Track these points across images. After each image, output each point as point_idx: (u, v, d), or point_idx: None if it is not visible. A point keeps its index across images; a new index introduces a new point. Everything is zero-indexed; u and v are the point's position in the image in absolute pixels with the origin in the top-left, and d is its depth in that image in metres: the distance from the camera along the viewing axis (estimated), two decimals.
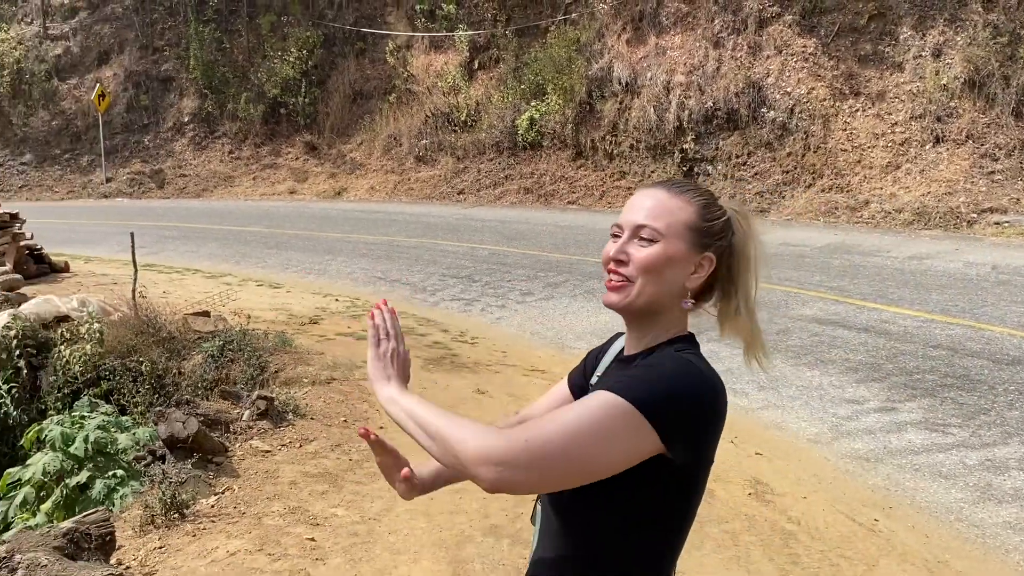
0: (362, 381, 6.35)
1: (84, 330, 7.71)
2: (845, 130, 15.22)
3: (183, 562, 3.19)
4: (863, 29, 15.75)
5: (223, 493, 3.85)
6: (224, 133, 24.81)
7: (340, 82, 23.76)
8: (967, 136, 13.80)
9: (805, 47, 16.15)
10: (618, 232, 1.48)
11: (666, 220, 1.44)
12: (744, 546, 3.65)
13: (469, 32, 21.59)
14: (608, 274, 1.46)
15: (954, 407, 5.69)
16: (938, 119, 14.15)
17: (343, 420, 5.21)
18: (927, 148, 14.14)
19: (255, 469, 4.13)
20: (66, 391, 7.52)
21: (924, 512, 4.29)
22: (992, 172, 13.31)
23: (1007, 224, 12.23)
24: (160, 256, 13.23)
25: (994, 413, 5.55)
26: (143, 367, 7.18)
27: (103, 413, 6.30)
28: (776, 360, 7.03)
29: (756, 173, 15.94)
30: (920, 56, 14.83)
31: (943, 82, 14.23)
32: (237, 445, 4.46)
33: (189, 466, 3.91)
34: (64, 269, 11.55)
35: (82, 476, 5.30)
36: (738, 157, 16.24)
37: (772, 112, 15.91)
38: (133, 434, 5.76)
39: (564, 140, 18.97)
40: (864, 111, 15.20)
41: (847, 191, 14.57)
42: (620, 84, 18.13)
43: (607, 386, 1.30)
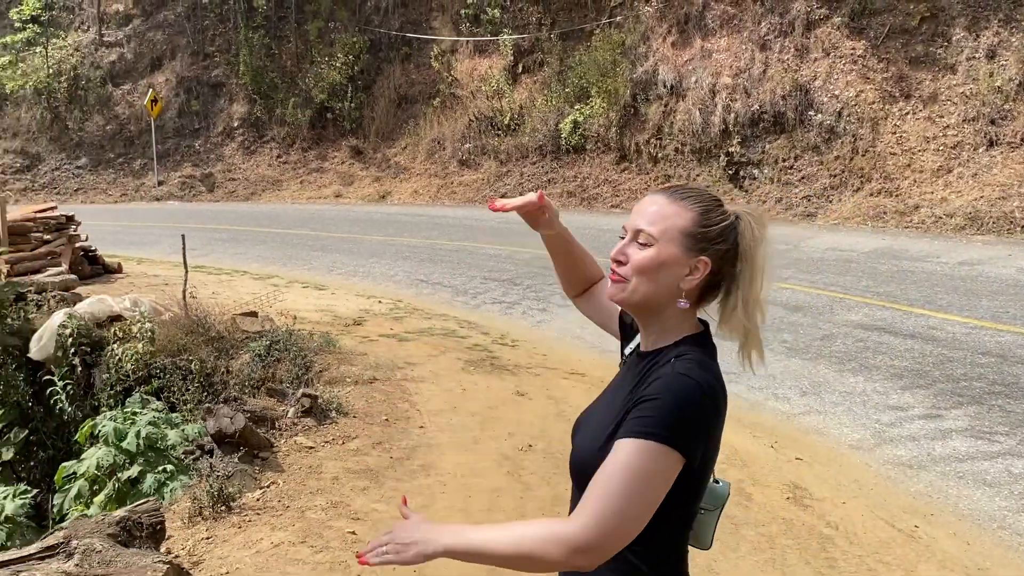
0: (403, 381, 6.45)
1: (136, 329, 7.90)
2: (895, 133, 14.97)
3: (229, 552, 3.30)
4: (914, 30, 15.49)
5: (268, 487, 3.96)
6: (272, 138, 25.25)
7: (385, 87, 24.03)
8: (1022, 139, 13.49)
9: (854, 49, 15.94)
10: (623, 234, 1.61)
11: (662, 225, 1.54)
12: (780, 549, 3.64)
13: (513, 36, 21.69)
14: (612, 269, 1.60)
15: (1001, 415, 5.59)
16: (992, 122, 13.86)
17: (384, 419, 5.30)
18: (980, 151, 13.85)
19: (299, 464, 4.24)
20: (118, 388, 7.73)
21: (966, 520, 4.23)
22: None
23: None
24: (210, 258, 13.50)
25: None
26: (192, 365, 7.35)
27: (154, 410, 6.49)
28: (819, 366, 6.97)
29: (803, 177, 15.75)
30: (973, 57, 14.54)
31: (997, 84, 13.93)
32: (282, 441, 4.57)
33: (236, 460, 4.02)
34: (117, 270, 11.84)
35: (133, 470, 5.47)
36: (784, 161, 16.07)
37: (820, 115, 15.72)
38: (182, 430, 5.92)
39: (608, 143, 18.96)
40: (915, 114, 14.94)
41: (896, 195, 14.33)
42: (665, 87, 18.07)
43: (632, 433, 1.41)
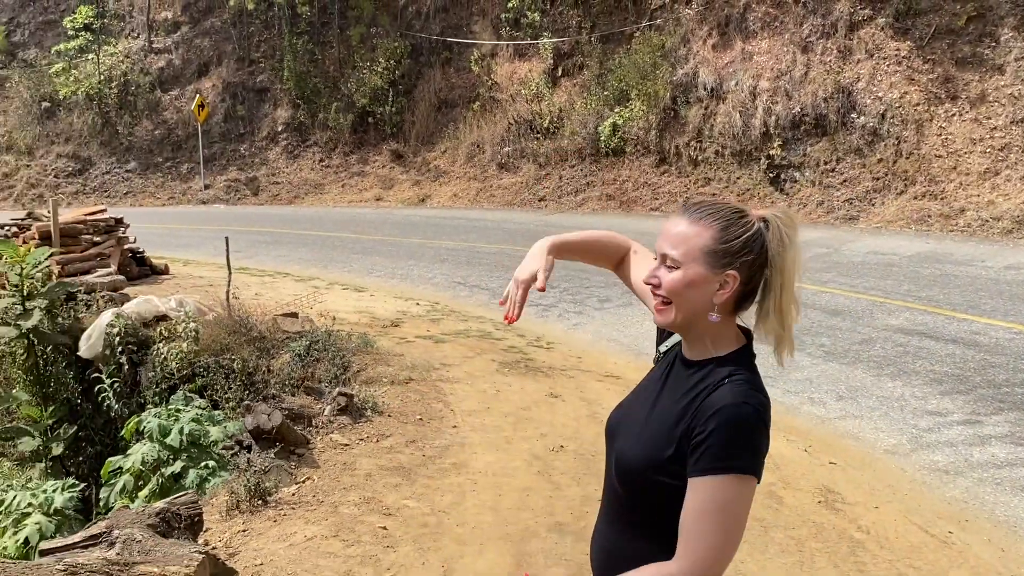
0: (438, 382, 6.53)
1: (181, 329, 8.09)
2: (940, 135, 14.71)
3: (264, 545, 3.39)
4: (961, 31, 15.21)
5: (303, 482, 4.06)
6: (315, 142, 25.61)
7: (426, 91, 24.23)
8: None
9: (898, 50, 15.70)
10: (655, 257, 1.66)
11: (684, 248, 1.58)
12: (809, 552, 3.64)
13: (553, 39, 21.74)
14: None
15: None
16: None
17: (418, 418, 5.38)
18: None
19: (334, 461, 4.33)
20: (163, 386, 7.93)
21: (1002, 526, 4.17)
22: None
23: None
24: (253, 260, 13.74)
25: None
26: (235, 364, 7.51)
27: (197, 407, 6.65)
28: (857, 370, 6.90)
29: (845, 180, 15.56)
30: (1022, 58, 14.23)
31: None
32: (318, 438, 4.67)
33: (272, 456, 4.13)
34: (164, 271, 12.12)
35: (177, 466, 5.62)
36: (826, 163, 15.89)
37: (862, 117, 15.51)
38: (224, 427, 6.06)
39: (647, 146, 18.91)
40: (961, 115, 14.67)
41: (941, 198, 14.08)
42: (705, 89, 17.97)
43: (710, 470, 1.48)
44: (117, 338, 8.39)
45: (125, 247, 11.65)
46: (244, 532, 3.53)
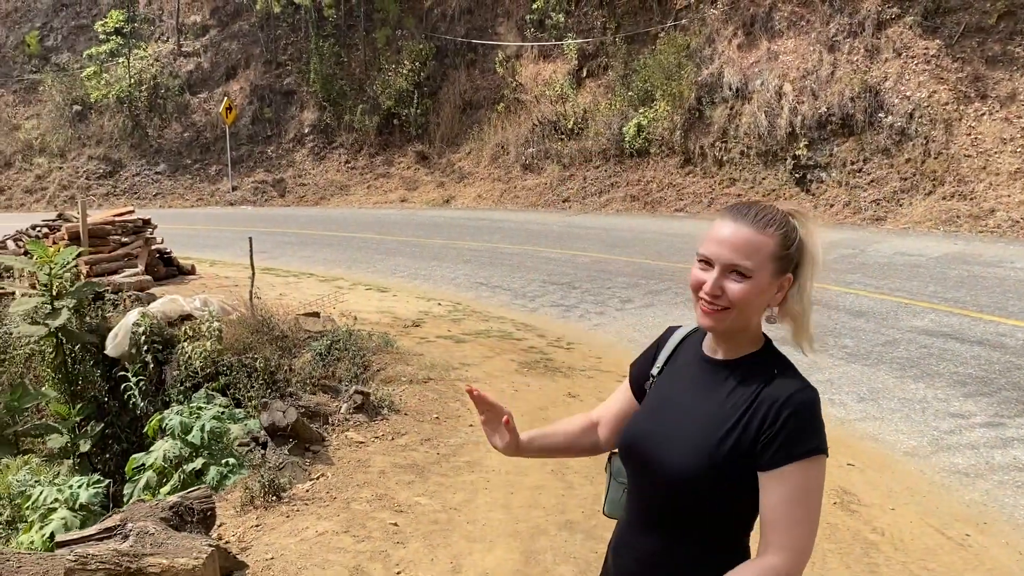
0: (457, 381, 6.55)
1: (205, 328, 8.19)
2: (970, 135, 14.51)
3: (276, 539, 3.44)
4: (991, 29, 14.99)
5: (317, 479, 4.10)
6: (341, 144, 25.81)
7: (451, 93, 24.33)
8: None
9: (927, 49, 15.51)
10: (708, 263, 1.61)
11: (755, 258, 1.58)
12: (821, 553, 3.61)
13: (578, 40, 21.73)
14: (703, 302, 1.61)
15: None
16: None
17: (435, 417, 5.41)
18: None
19: (348, 458, 4.37)
20: (188, 385, 8.03)
21: (1022, 529, 4.11)
22: None
23: None
24: (279, 260, 13.87)
25: None
26: (257, 363, 7.59)
27: (218, 405, 6.74)
28: (879, 372, 6.82)
29: (872, 180, 15.39)
30: None
31: None
32: (334, 436, 4.72)
33: (286, 452, 4.17)
34: (191, 271, 12.28)
35: (198, 463, 5.70)
36: (853, 164, 15.73)
37: (890, 117, 15.33)
38: (245, 425, 6.14)
39: (672, 147, 18.83)
40: (991, 115, 14.45)
41: (970, 199, 13.88)
42: (730, 90, 17.87)
43: (793, 456, 1.51)
44: (143, 337, 8.51)
45: (153, 248, 11.82)
46: (257, 527, 3.58)
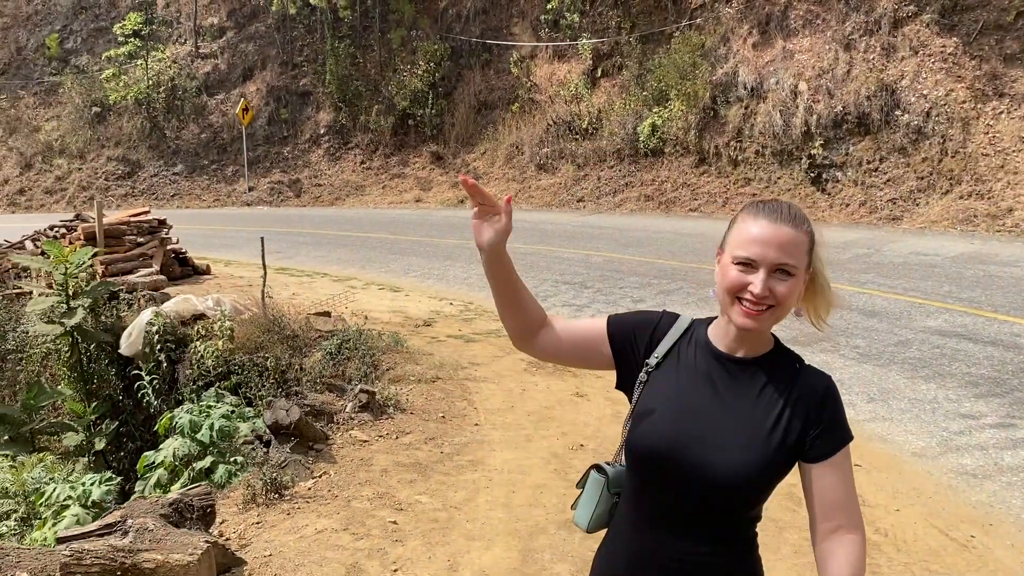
0: (465, 381, 6.56)
1: (217, 327, 8.25)
2: (987, 133, 14.36)
3: (275, 536, 3.46)
4: (1009, 26, 14.83)
5: (320, 477, 4.12)
6: (357, 144, 25.91)
7: (466, 93, 24.37)
8: None
9: (944, 47, 15.36)
10: (751, 264, 1.59)
11: (797, 256, 1.62)
12: None
13: (592, 40, 21.70)
14: (746, 303, 1.60)
15: None
16: None
17: (441, 416, 5.42)
18: None
19: (351, 457, 4.39)
20: (200, 383, 8.09)
21: None
22: None
23: None
24: (293, 260, 13.94)
25: None
26: (268, 362, 7.64)
27: (228, 404, 6.79)
28: (891, 372, 6.77)
29: (888, 179, 15.27)
30: None
31: None
32: (338, 434, 4.74)
33: (288, 450, 4.20)
34: (206, 271, 12.37)
35: (207, 461, 5.75)
36: (869, 163, 15.61)
37: (906, 116, 15.20)
38: (253, 424, 6.19)
39: (687, 146, 18.77)
40: (1009, 113, 14.30)
41: (988, 198, 13.74)
42: (745, 89, 17.79)
43: (842, 441, 1.63)
44: (156, 336, 8.58)
45: (168, 248, 11.92)
46: (258, 524, 3.61)
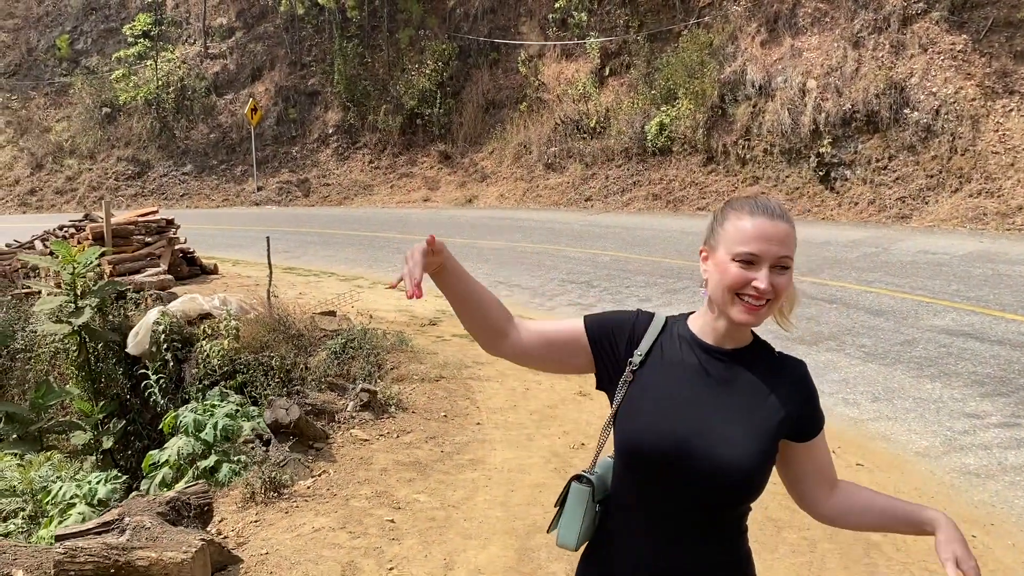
0: (469, 380, 6.57)
1: (223, 327, 8.28)
2: (997, 131, 14.26)
3: (272, 535, 3.47)
4: (1020, 23, 14.72)
5: (319, 476, 4.14)
6: (365, 144, 25.96)
7: (474, 92, 24.38)
8: None
9: (954, 44, 15.26)
10: (753, 260, 1.59)
11: (793, 249, 1.66)
12: (820, 553, 3.57)
13: (600, 39, 21.67)
14: (749, 299, 1.59)
15: None
16: None
17: (443, 415, 5.43)
18: None
19: (351, 455, 4.40)
20: (206, 383, 8.12)
21: None
22: None
23: None
24: (301, 260, 13.99)
25: None
26: (273, 362, 7.66)
27: (232, 403, 6.81)
28: (896, 371, 6.74)
29: (897, 178, 15.18)
30: None
31: None
32: (339, 433, 4.75)
33: (287, 449, 4.21)
34: (213, 271, 12.42)
35: (211, 460, 5.77)
36: (878, 161, 15.53)
37: (916, 113, 15.11)
38: (258, 423, 6.21)
39: (695, 145, 18.72)
40: (1019, 110, 14.20)
41: (998, 196, 13.65)
42: (753, 87, 17.72)
43: (822, 419, 1.73)
44: (162, 335, 8.62)
45: (176, 247, 11.97)
46: (256, 523, 3.62)
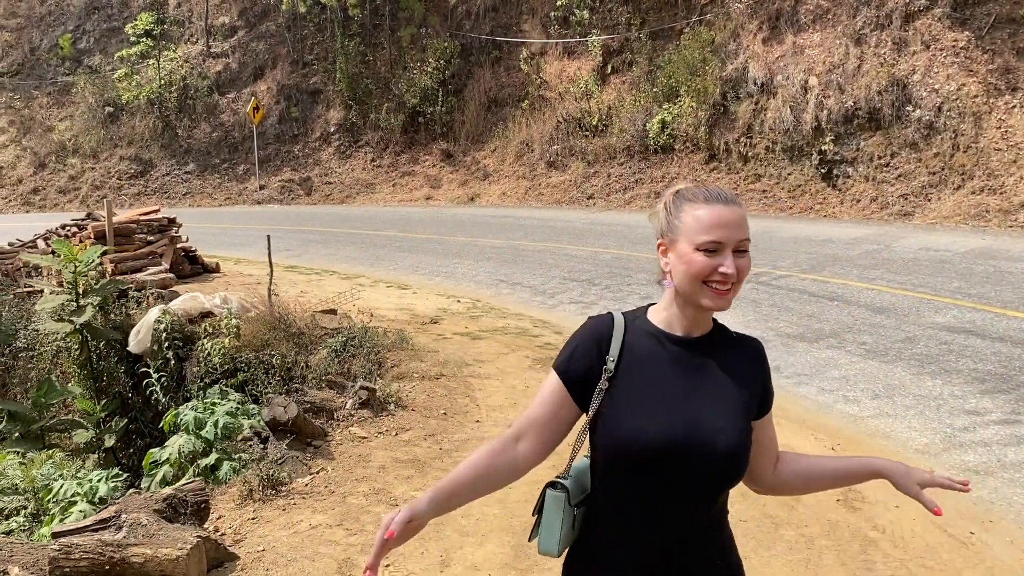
0: (469, 378, 6.57)
1: (224, 325, 8.30)
2: (1000, 128, 14.22)
3: (269, 532, 3.48)
4: (1022, 20, 14.69)
5: (317, 473, 4.14)
6: (367, 142, 25.97)
7: (476, 90, 24.37)
8: None
9: (956, 41, 15.23)
10: (716, 248, 1.59)
11: (748, 229, 1.66)
12: (817, 550, 3.57)
13: (602, 37, 21.65)
14: (716, 285, 1.60)
15: None
16: None
17: (443, 413, 5.43)
18: None
19: (349, 453, 4.41)
20: (207, 381, 8.13)
21: None
22: None
23: None
24: (303, 258, 14.00)
25: None
26: (274, 360, 7.67)
27: (232, 401, 6.83)
28: (897, 368, 6.73)
29: (900, 175, 15.15)
30: None
31: None
32: (337, 431, 4.76)
33: (285, 447, 4.22)
34: (215, 269, 12.44)
35: (211, 458, 5.78)
36: (880, 158, 15.50)
37: (918, 110, 15.08)
38: (258, 420, 6.22)
39: (697, 143, 18.71)
40: (1022, 107, 14.16)
41: (1000, 193, 13.62)
42: (755, 85, 17.70)
43: (772, 398, 1.77)
44: (164, 334, 8.63)
45: (178, 246, 12.00)
46: (254, 520, 3.63)
